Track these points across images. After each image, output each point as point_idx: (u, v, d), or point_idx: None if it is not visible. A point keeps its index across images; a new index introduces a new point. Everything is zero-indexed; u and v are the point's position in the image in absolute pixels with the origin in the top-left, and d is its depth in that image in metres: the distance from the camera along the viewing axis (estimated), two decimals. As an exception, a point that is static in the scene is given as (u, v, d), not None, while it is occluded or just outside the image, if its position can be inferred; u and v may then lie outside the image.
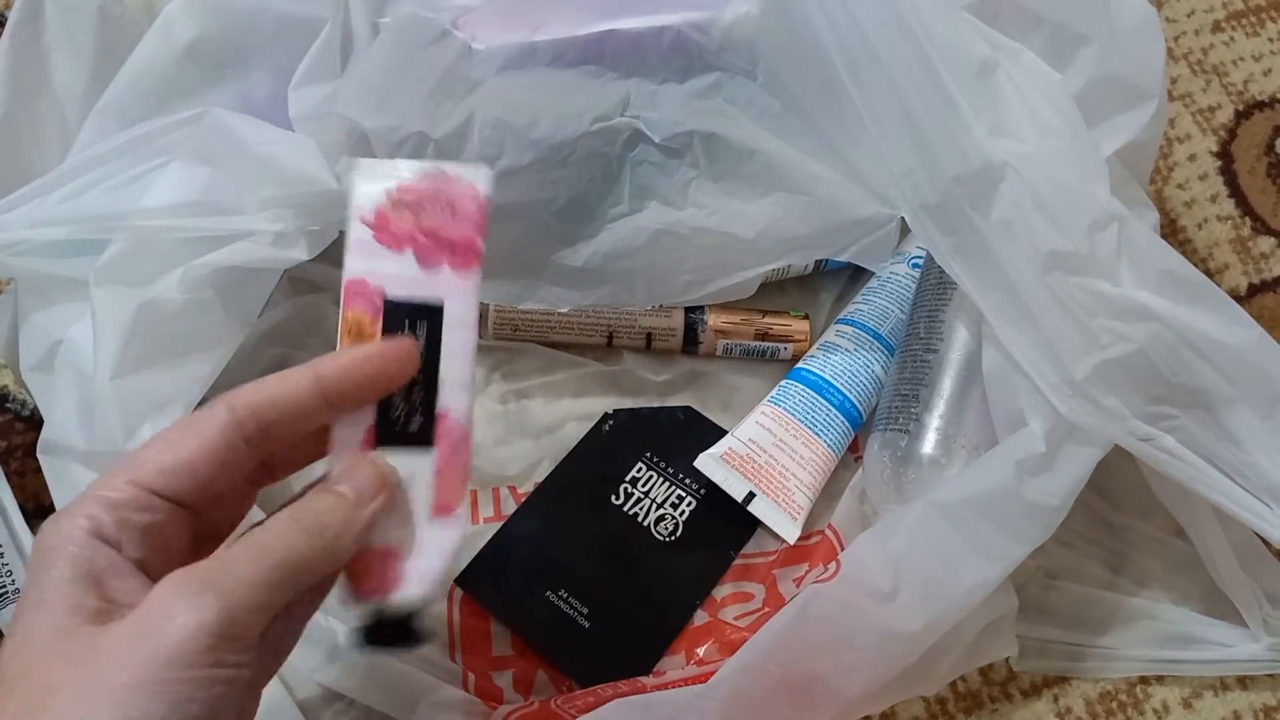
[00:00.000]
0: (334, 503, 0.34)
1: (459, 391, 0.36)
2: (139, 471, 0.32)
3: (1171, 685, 0.51)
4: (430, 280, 0.36)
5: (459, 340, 0.36)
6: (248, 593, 0.31)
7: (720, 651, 0.50)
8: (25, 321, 0.49)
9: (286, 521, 0.33)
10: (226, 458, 0.33)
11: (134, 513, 0.32)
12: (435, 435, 0.36)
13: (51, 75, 0.52)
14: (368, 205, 0.36)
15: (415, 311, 0.36)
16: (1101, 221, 0.44)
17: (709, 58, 0.50)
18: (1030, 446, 0.44)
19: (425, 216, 0.36)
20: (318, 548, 0.33)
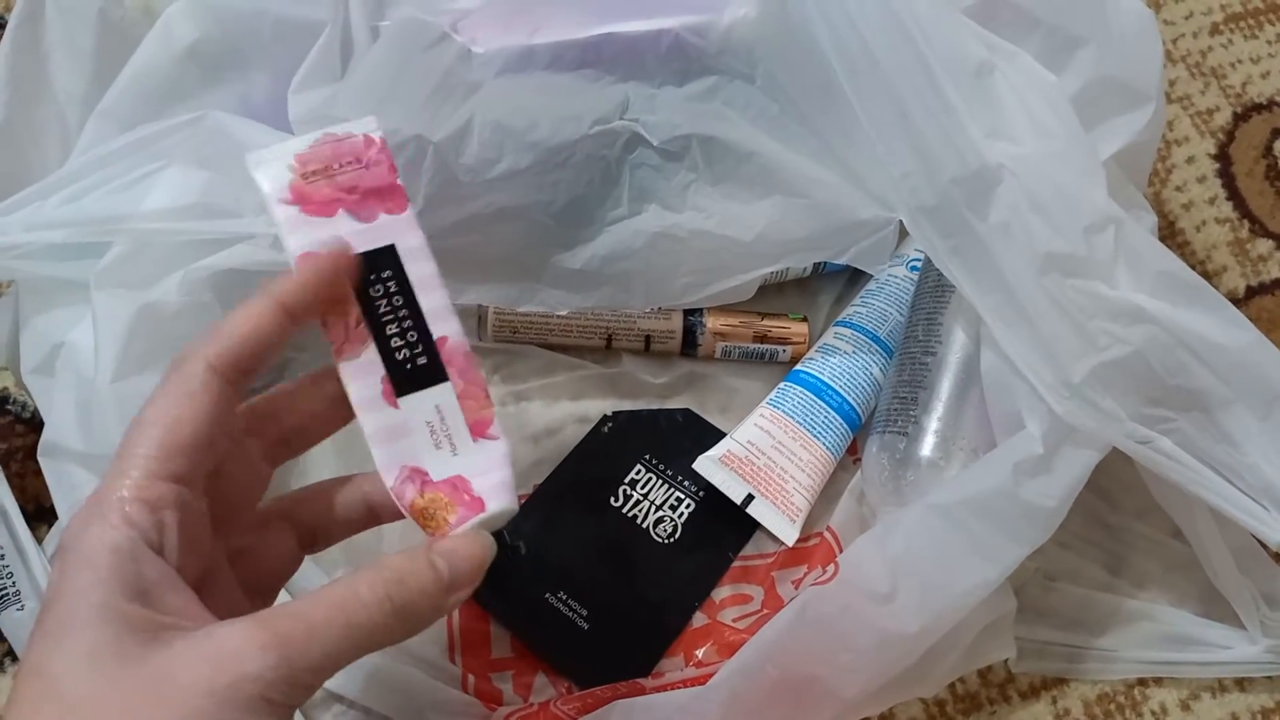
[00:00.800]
0: (433, 587, 0.33)
1: (445, 317, 0.37)
2: (154, 461, 0.31)
3: (1169, 687, 0.51)
4: (372, 229, 0.37)
5: (422, 272, 0.37)
6: (318, 657, 0.30)
7: (719, 653, 0.50)
8: (26, 324, 0.49)
9: (380, 594, 0.32)
10: (224, 416, 0.33)
11: (169, 511, 0.31)
12: (443, 363, 0.36)
13: (51, 78, 0.52)
14: (280, 186, 0.36)
15: (374, 261, 0.36)
16: (1099, 224, 0.44)
17: (707, 61, 0.50)
18: (1028, 448, 0.44)
19: (339, 176, 0.37)
20: (398, 625, 0.32)
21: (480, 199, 0.49)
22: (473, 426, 0.36)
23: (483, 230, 0.51)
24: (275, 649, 0.29)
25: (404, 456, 0.35)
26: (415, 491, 0.35)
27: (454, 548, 0.34)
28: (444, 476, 0.36)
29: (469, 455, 0.36)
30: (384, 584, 0.32)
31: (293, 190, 0.36)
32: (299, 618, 0.31)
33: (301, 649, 0.30)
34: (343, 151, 0.37)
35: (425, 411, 0.36)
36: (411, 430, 0.36)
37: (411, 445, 0.36)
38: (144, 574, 0.30)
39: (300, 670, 0.30)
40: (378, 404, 0.35)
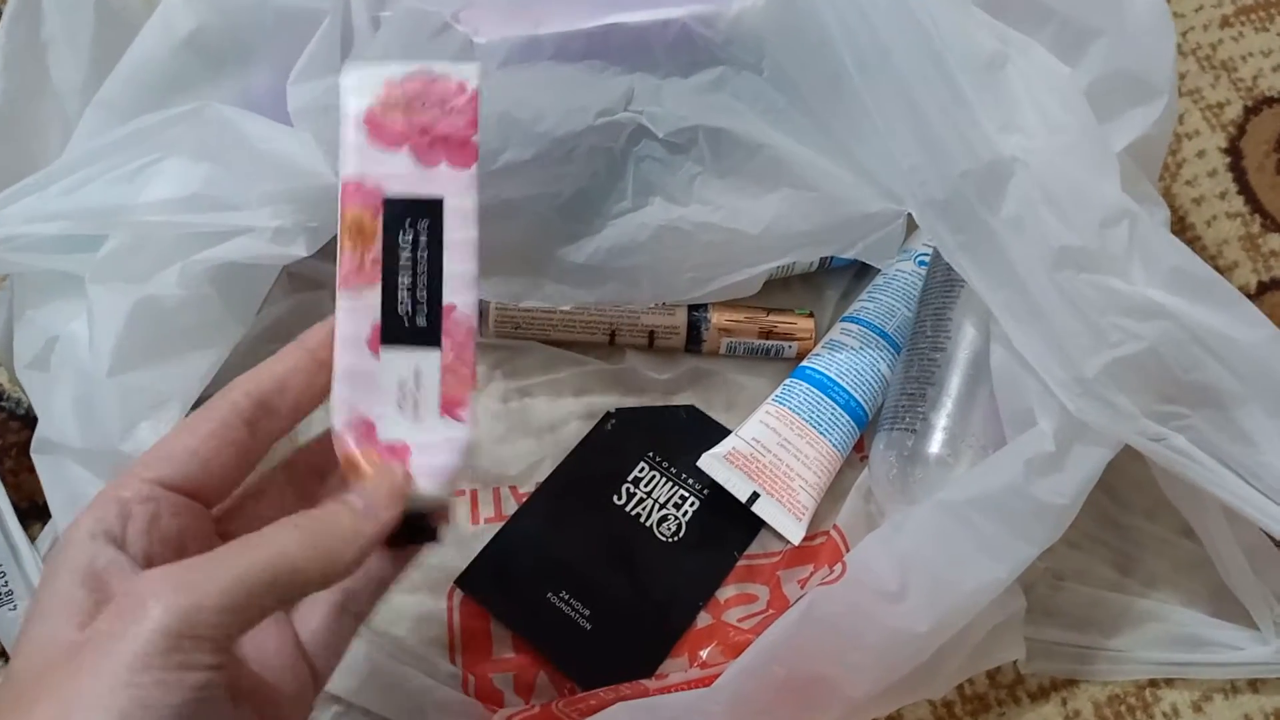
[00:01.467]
0: (342, 515, 0.33)
1: (464, 287, 0.36)
2: (145, 466, 0.33)
3: (1181, 688, 0.51)
4: (428, 176, 0.36)
5: (461, 235, 0.36)
6: (221, 593, 0.29)
7: (724, 654, 0.49)
8: (21, 317, 0.48)
9: (285, 525, 0.32)
10: (237, 442, 0.34)
11: (137, 504, 0.32)
12: (442, 331, 0.36)
13: (50, 68, 0.51)
14: (358, 107, 0.36)
15: (415, 208, 0.36)
16: (1112, 218, 0.43)
17: (714, 51, 0.49)
18: (1039, 446, 0.43)
19: (417, 114, 0.36)
20: (311, 555, 0.32)
21: (483, 191, 0.49)
22: (444, 401, 0.36)
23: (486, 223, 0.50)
24: (167, 596, 0.29)
25: (361, 404, 0.35)
26: (354, 440, 0.35)
27: (359, 484, 0.34)
28: (388, 439, 0.35)
29: (426, 428, 0.35)
30: (293, 517, 0.32)
31: (368, 114, 0.36)
32: (204, 560, 0.31)
33: (200, 590, 0.29)
34: (432, 90, 0.36)
35: (402, 370, 0.35)
36: (380, 383, 0.35)
37: (373, 397, 0.35)
38: (95, 559, 0.31)
39: (205, 610, 0.29)
40: (359, 346, 0.35)
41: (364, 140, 0.36)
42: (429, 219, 0.36)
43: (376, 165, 0.35)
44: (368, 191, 0.35)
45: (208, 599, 0.29)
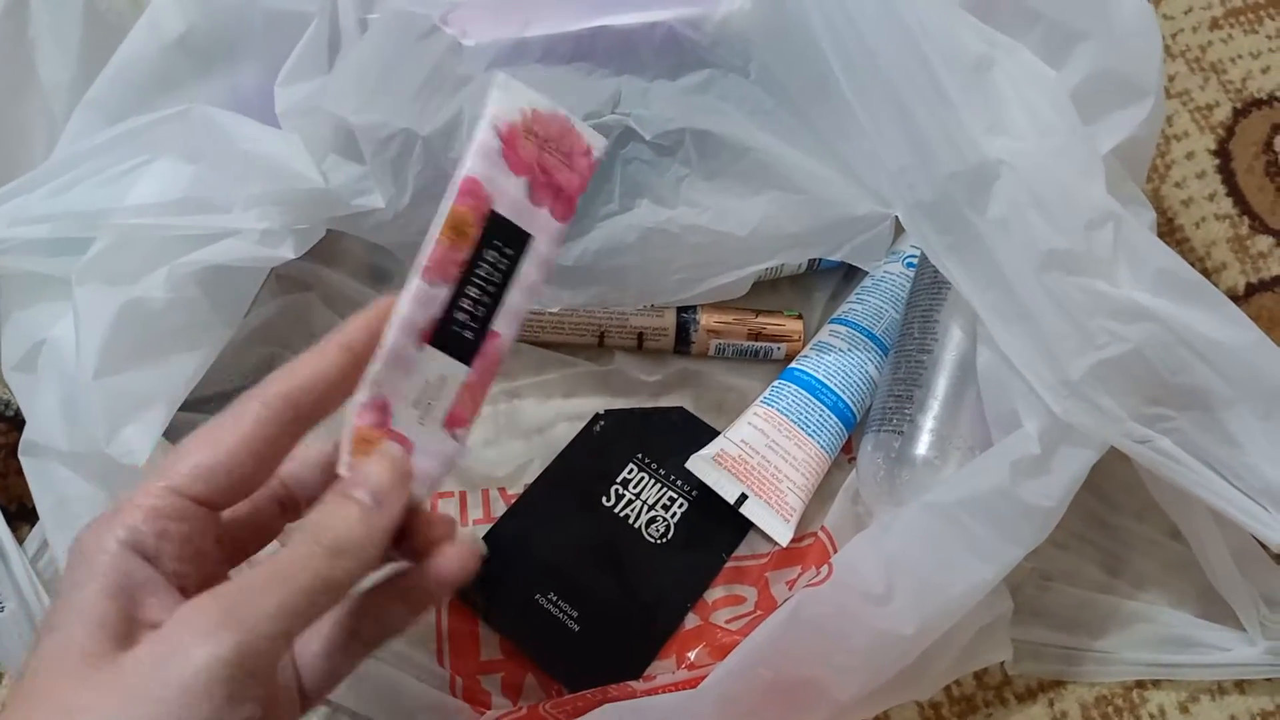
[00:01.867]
0: (356, 516, 0.33)
1: (513, 321, 0.37)
2: (176, 477, 0.32)
3: (1168, 689, 0.51)
4: (531, 213, 0.37)
5: (532, 277, 0.37)
6: (268, 624, 0.30)
7: (711, 655, 0.49)
8: (8, 320, 0.48)
9: (309, 545, 0.32)
10: (265, 452, 0.33)
11: (173, 522, 0.32)
12: (479, 353, 0.36)
13: (37, 69, 0.51)
14: (502, 117, 0.36)
15: (511, 234, 0.37)
16: (1098, 220, 0.44)
17: (701, 54, 0.49)
18: (1025, 448, 0.43)
19: (546, 154, 0.37)
20: (342, 570, 0.32)
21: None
22: (451, 416, 0.36)
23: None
24: (221, 627, 0.29)
25: (388, 386, 0.35)
26: (372, 420, 0.35)
27: (360, 472, 0.34)
28: (398, 429, 0.35)
29: (428, 433, 0.36)
30: (311, 533, 0.32)
31: (508, 130, 0.36)
32: (234, 588, 0.31)
33: (239, 620, 0.29)
34: (566, 138, 0.38)
35: (432, 372, 0.36)
36: (412, 375, 0.35)
37: (401, 386, 0.35)
38: (131, 575, 0.31)
39: (246, 638, 0.29)
40: (413, 333, 0.35)
41: (496, 150, 0.36)
42: (515, 250, 0.37)
43: (498, 177, 0.36)
44: (482, 197, 0.36)
45: (258, 630, 0.29)
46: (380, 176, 0.47)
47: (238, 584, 0.31)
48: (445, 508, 0.53)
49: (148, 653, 0.29)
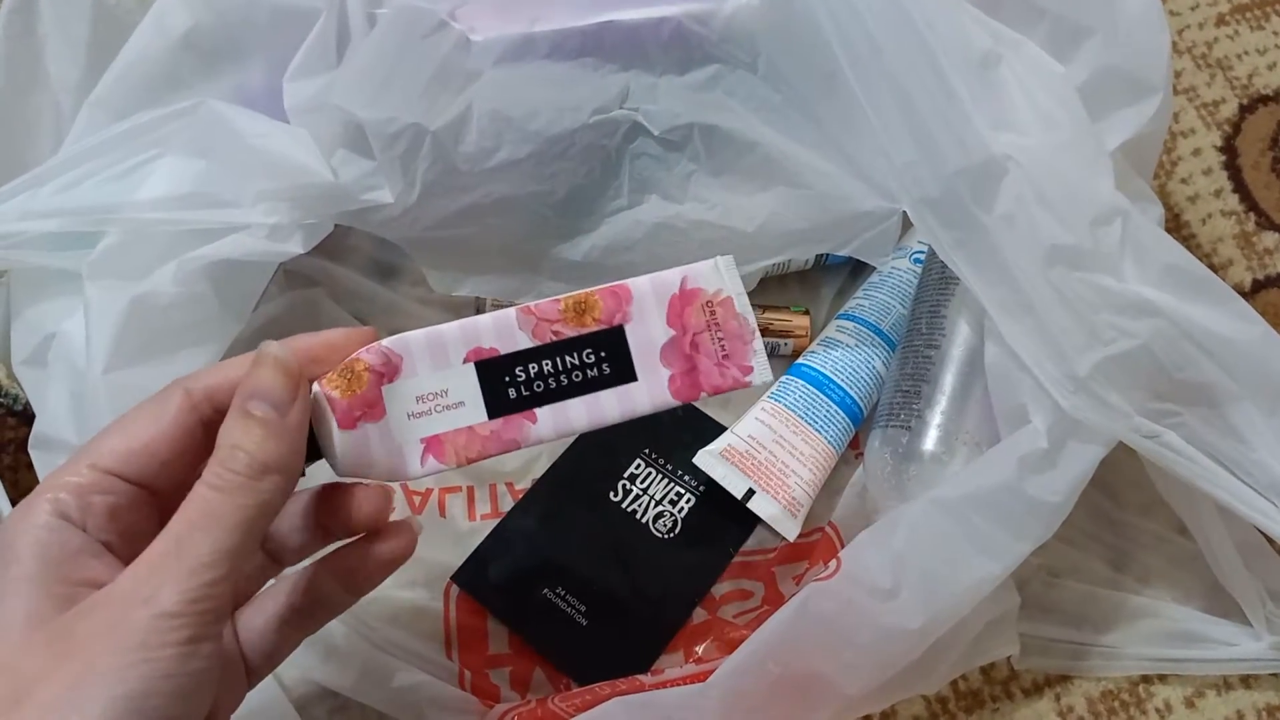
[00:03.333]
0: (261, 432, 0.32)
1: (557, 422, 0.36)
2: (98, 456, 0.33)
3: (1174, 684, 0.51)
4: (652, 363, 0.37)
5: (605, 410, 0.36)
6: (210, 570, 0.30)
7: (719, 650, 0.49)
8: (18, 315, 0.48)
9: (228, 475, 0.31)
10: (185, 442, 0.34)
11: (96, 495, 0.32)
12: (503, 418, 0.36)
13: (45, 66, 0.51)
14: (697, 279, 0.37)
15: (620, 359, 0.37)
16: (1105, 216, 0.44)
17: (709, 49, 0.49)
18: (1033, 443, 0.43)
19: (709, 336, 0.37)
20: (269, 490, 0.32)
21: (479, 189, 0.49)
22: (432, 443, 0.36)
23: (481, 221, 0.50)
24: (156, 570, 0.30)
25: (413, 361, 0.35)
26: (372, 362, 0.35)
27: (249, 384, 0.33)
28: (386, 397, 0.35)
29: (405, 431, 0.36)
30: (220, 463, 0.32)
31: (693, 290, 0.37)
32: (168, 535, 0.31)
33: (179, 561, 0.30)
34: (735, 343, 0.37)
35: (456, 389, 0.36)
36: (437, 373, 0.35)
37: (422, 371, 0.35)
38: (65, 542, 0.32)
39: (188, 577, 0.30)
40: (469, 342, 0.35)
41: (669, 292, 0.37)
42: (611, 374, 0.36)
43: (650, 311, 0.36)
44: (623, 310, 0.36)
45: (204, 575, 0.30)
46: (389, 171, 0.47)
47: (172, 532, 0.31)
48: (453, 503, 0.53)
49: (105, 610, 0.30)
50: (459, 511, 0.53)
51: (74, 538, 0.32)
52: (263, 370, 0.33)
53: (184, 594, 0.30)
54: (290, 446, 0.33)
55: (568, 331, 0.36)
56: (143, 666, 0.29)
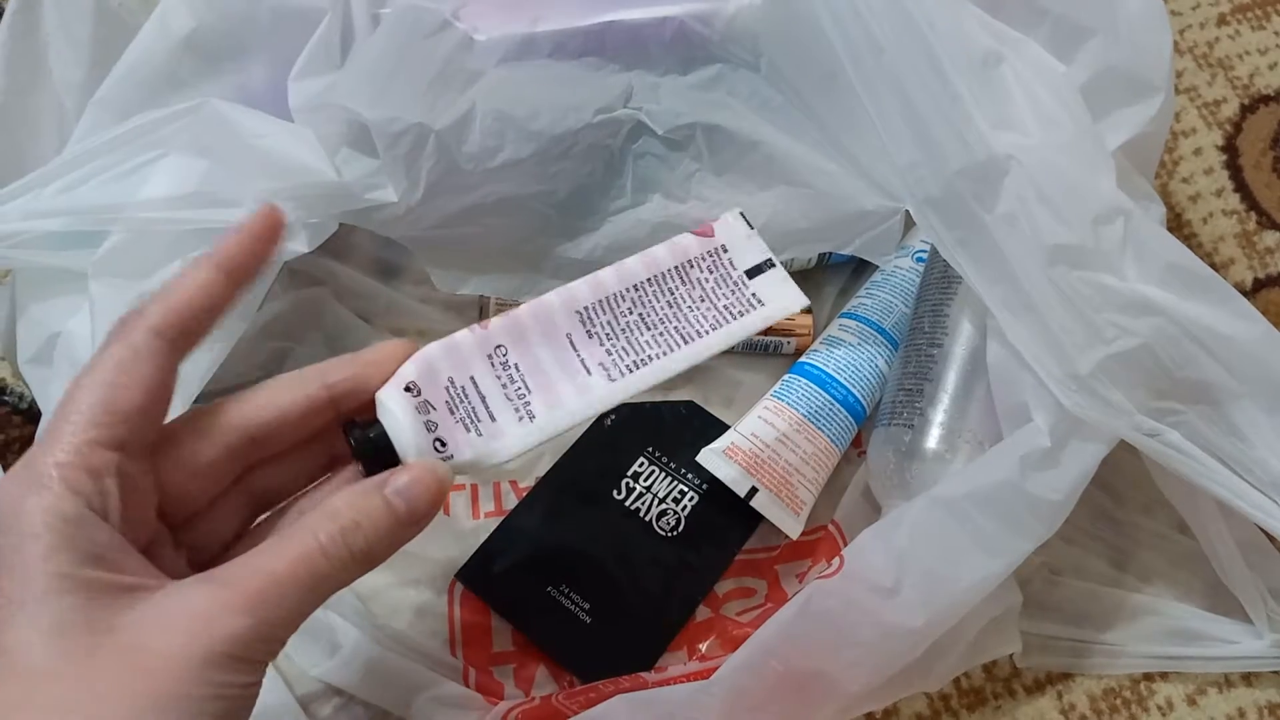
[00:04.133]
0: (388, 525, 0.33)
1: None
2: (94, 428, 0.31)
3: (1175, 682, 0.51)
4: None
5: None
6: (284, 625, 0.31)
7: (722, 647, 0.49)
8: (23, 314, 0.49)
9: (339, 544, 0.32)
10: (167, 382, 0.33)
11: (109, 479, 0.31)
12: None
13: (49, 66, 0.51)
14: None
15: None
16: (1106, 215, 0.44)
17: (711, 49, 0.50)
18: (1035, 441, 0.43)
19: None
20: (361, 570, 0.33)
21: (482, 188, 0.49)
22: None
23: (484, 220, 0.50)
24: (246, 610, 0.30)
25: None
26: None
27: (409, 484, 0.34)
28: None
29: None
30: (342, 534, 0.32)
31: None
32: (264, 574, 0.31)
33: (271, 607, 0.30)
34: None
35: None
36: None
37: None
38: (96, 539, 0.30)
39: (271, 627, 0.30)
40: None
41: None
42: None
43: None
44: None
45: (275, 617, 0.30)
46: (393, 171, 0.48)
47: (261, 564, 0.31)
48: (457, 501, 0.53)
49: (159, 620, 0.29)
50: (463, 509, 0.53)
51: (101, 533, 0.30)
52: (428, 477, 0.34)
53: (265, 640, 0.30)
54: (395, 550, 0.33)
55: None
56: (212, 704, 0.29)
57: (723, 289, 0.42)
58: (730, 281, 0.42)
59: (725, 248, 0.42)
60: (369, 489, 0.33)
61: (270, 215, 0.36)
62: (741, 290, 0.42)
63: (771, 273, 0.43)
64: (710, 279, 0.42)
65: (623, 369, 0.40)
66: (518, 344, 0.39)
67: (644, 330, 0.40)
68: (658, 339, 0.41)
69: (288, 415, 0.35)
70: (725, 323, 0.42)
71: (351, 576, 0.32)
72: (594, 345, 0.40)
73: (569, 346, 0.39)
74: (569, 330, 0.39)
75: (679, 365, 0.41)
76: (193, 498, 0.34)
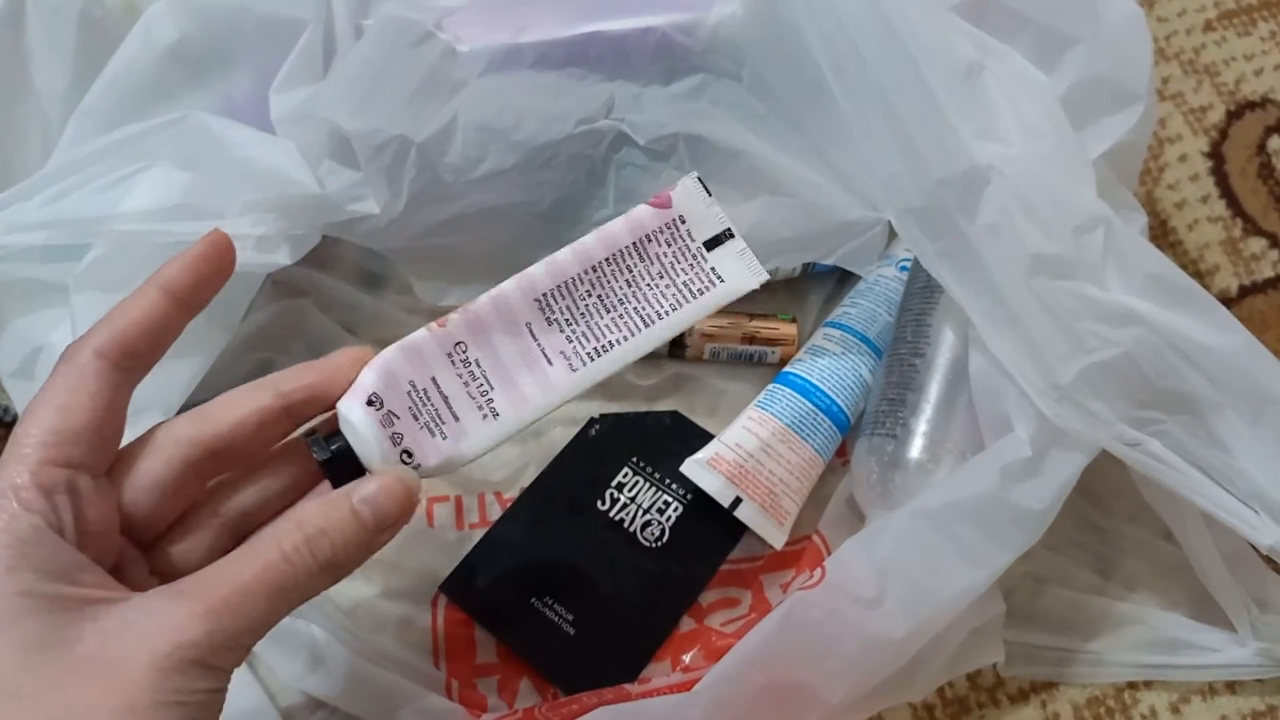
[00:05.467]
0: (356, 535, 0.33)
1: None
2: (43, 448, 0.31)
3: (1159, 690, 0.51)
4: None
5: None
6: (250, 633, 0.31)
7: (706, 658, 0.49)
8: (6, 327, 0.49)
9: (305, 554, 0.32)
10: (115, 402, 0.33)
11: (61, 495, 0.31)
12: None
13: (33, 78, 0.51)
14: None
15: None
16: (1088, 225, 0.44)
17: (694, 59, 0.50)
18: (1016, 451, 0.43)
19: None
20: (328, 580, 0.33)
21: (464, 198, 0.49)
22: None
23: (467, 230, 0.50)
24: (206, 617, 0.30)
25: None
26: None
27: (376, 493, 0.34)
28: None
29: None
30: (307, 542, 0.32)
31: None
32: (227, 582, 0.31)
33: (234, 614, 0.30)
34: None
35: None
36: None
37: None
38: (55, 557, 0.30)
39: (234, 635, 0.30)
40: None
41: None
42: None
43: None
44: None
45: (238, 625, 0.30)
46: (375, 182, 0.48)
47: (224, 574, 0.31)
48: (440, 512, 0.53)
49: (123, 630, 0.29)
50: (447, 521, 0.53)
51: (60, 550, 0.30)
52: (396, 487, 0.34)
53: (229, 648, 0.30)
54: (364, 559, 0.34)
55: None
56: (176, 710, 0.29)
57: (681, 263, 0.41)
58: (689, 255, 0.41)
59: (683, 219, 0.41)
60: (336, 498, 0.34)
61: (217, 241, 0.36)
62: (700, 264, 0.41)
63: (730, 244, 0.41)
64: (669, 253, 0.41)
65: (584, 357, 0.40)
66: (477, 339, 0.38)
67: (603, 313, 0.40)
68: (617, 322, 0.40)
69: (243, 425, 0.35)
70: (685, 301, 0.41)
71: (319, 585, 0.33)
72: (554, 333, 0.39)
73: (529, 335, 0.39)
74: (528, 319, 0.39)
75: (640, 350, 0.40)
76: (157, 515, 0.34)
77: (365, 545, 0.33)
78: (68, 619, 0.29)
